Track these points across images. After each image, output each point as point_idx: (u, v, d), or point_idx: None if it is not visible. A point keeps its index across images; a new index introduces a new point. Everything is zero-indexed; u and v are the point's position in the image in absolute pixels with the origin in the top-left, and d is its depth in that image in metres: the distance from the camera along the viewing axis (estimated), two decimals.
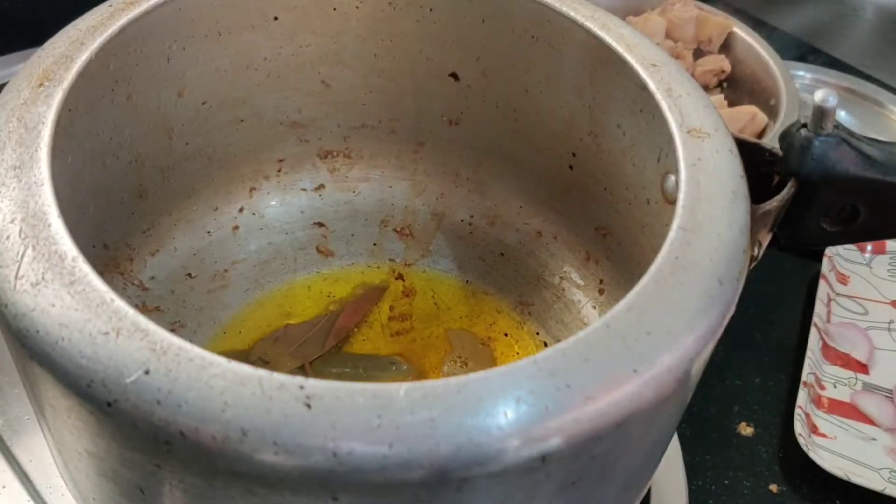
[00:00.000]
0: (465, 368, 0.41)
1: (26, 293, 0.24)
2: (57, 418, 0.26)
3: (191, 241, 0.43)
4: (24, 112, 0.29)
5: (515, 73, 0.41)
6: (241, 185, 0.45)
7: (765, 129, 0.63)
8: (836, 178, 0.32)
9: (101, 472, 0.26)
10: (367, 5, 0.41)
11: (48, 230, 0.26)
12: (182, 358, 0.22)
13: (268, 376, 0.22)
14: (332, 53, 0.43)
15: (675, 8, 0.71)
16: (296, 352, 0.41)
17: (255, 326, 0.43)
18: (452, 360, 0.42)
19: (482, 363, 0.41)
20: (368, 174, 0.47)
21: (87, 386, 0.22)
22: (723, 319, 0.26)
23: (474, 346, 0.42)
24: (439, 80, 0.43)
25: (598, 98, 0.38)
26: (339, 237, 0.47)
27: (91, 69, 0.32)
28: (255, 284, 0.45)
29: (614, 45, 0.35)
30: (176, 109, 0.40)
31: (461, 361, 0.41)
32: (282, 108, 0.44)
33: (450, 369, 0.41)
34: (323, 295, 0.45)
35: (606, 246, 0.41)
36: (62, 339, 0.23)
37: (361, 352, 0.43)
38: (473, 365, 0.41)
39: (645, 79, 0.33)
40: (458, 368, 0.41)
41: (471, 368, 0.41)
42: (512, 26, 0.39)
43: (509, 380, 0.22)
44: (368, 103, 0.45)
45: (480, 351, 0.42)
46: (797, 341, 0.55)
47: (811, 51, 0.76)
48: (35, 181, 0.27)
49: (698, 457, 0.48)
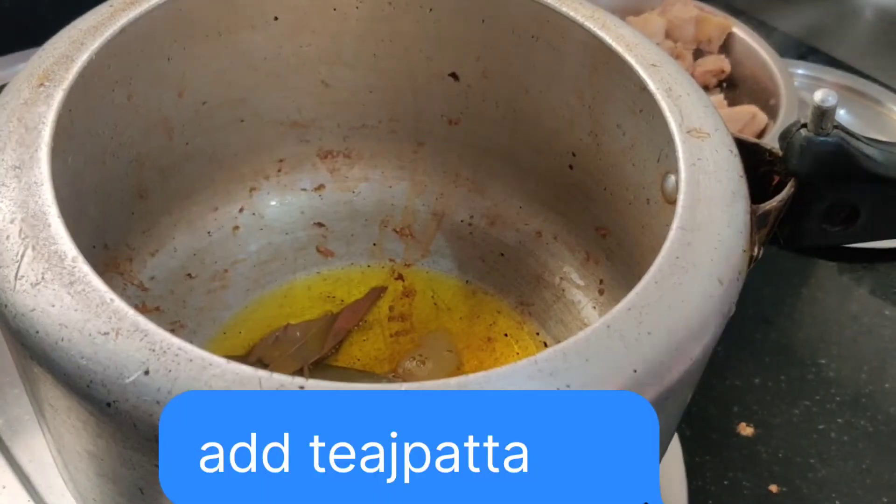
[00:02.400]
0: (422, 367, 0.41)
1: (26, 293, 0.24)
2: (57, 418, 0.26)
3: (191, 241, 0.43)
4: (25, 112, 0.29)
5: (515, 73, 0.41)
6: (241, 186, 0.45)
7: (765, 129, 0.63)
8: (836, 178, 0.32)
9: (101, 472, 0.26)
10: (366, 5, 0.41)
11: (48, 230, 0.26)
12: (182, 358, 0.22)
13: (267, 377, 0.22)
14: (332, 53, 0.43)
15: (675, 8, 0.71)
16: (296, 352, 0.41)
17: (254, 327, 0.43)
18: (412, 357, 0.42)
19: (442, 367, 0.41)
20: (368, 174, 0.47)
21: (86, 386, 0.22)
22: (723, 319, 0.26)
23: (441, 350, 0.42)
24: (439, 80, 0.43)
25: (598, 98, 0.38)
26: (339, 237, 0.47)
27: (91, 69, 0.32)
28: (255, 285, 0.45)
29: (614, 46, 0.35)
30: (176, 109, 0.40)
31: (420, 360, 0.42)
32: (282, 108, 0.44)
33: (408, 364, 0.42)
34: (323, 295, 0.45)
35: (606, 246, 0.41)
36: (62, 340, 0.23)
37: (361, 352, 0.43)
38: (432, 365, 0.41)
39: (645, 79, 0.33)
40: (415, 366, 0.41)
41: (427, 367, 0.41)
42: (512, 26, 0.39)
43: (509, 380, 0.22)
44: (368, 103, 0.45)
45: (446, 356, 0.42)
46: (797, 341, 0.55)
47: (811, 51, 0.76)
48: (35, 181, 0.27)
49: (698, 457, 0.48)
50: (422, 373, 0.41)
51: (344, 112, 0.45)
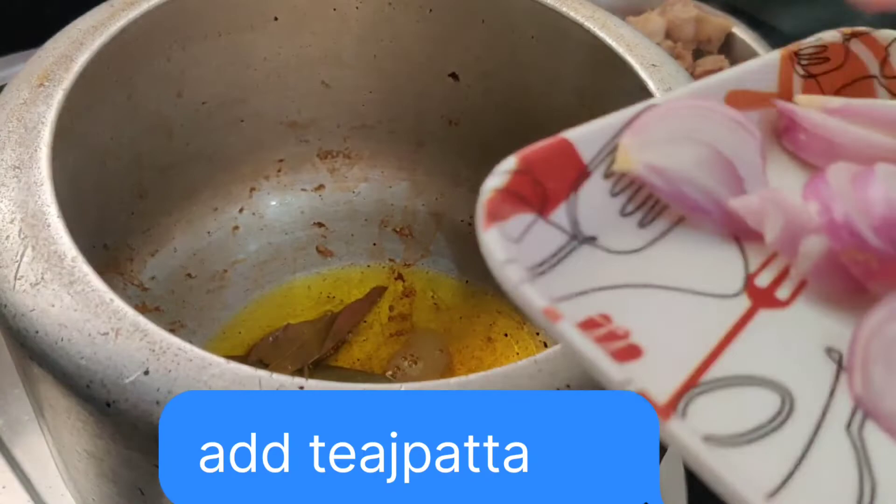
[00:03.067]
0: (414, 367, 0.41)
1: (26, 293, 0.24)
2: (56, 418, 0.26)
3: (191, 241, 0.43)
4: (25, 112, 0.29)
5: (515, 73, 0.41)
6: (240, 186, 0.45)
7: None
8: None
9: (101, 472, 0.26)
10: (366, 5, 0.41)
11: (48, 230, 0.26)
12: (181, 358, 0.22)
13: (267, 377, 0.22)
14: (332, 54, 0.43)
15: (675, 8, 0.71)
16: (295, 352, 0.41)
17: (254, 327, 0.43)
18: (403, 356, 0.42)
19: (432, 367, 0.41)
20: (368, 174, 0.47)
21: (86, 386, 0.22)
22: None
23: (433, 350, 0.42)
24: (439, 80, 0.43)
25: (599, 98, 0.38)
26: (338, 237, 0.47)
27: (91, 69, 0.32)
28: (255, 285, 0.45)
29: (614, 46, 0.35)
30: (176, 109, 0.40)
31: (412, 359, 0.41)
32: (282, 109, 0.44)
33: (400, 363, 0.41)
34: (323, 295, 0.45)
35: None
36: (62, 340, 0.23)
37: (361, 352, 0.43)
38: (423, 366, 0.41)
39: (645, 79, 0.33)
40: (407, 366, 0.41)
41: (419, 368, 0.41)
42: (512, 26, 0.39)
43: (509, 380, 0.22)
44: (368, 104, 0.45)
45: (437, 356, 0.42)
46: None
47: None
48: (35, 181, 0.27)
49: None
50: (414, 372, 0.41)
51: (344, 112, 0.45)
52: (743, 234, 0.23)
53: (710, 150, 0.23)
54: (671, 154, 0.23)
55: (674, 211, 0.23)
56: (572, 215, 0.21)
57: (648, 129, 0.23)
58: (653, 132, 0.23)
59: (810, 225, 0.22)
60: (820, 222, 0.22)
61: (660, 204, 0.23)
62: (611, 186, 0.22)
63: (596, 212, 0.22)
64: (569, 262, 0.21)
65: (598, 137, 0.23)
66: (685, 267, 0.22)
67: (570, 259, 0.21)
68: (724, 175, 0.23)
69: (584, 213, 0.21)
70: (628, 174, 0.22)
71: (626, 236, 0.22)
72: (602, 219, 0.22)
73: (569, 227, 0.21)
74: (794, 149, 0.26)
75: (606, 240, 0.22)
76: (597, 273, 0.21)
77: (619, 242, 0.22)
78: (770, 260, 0.22)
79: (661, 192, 0.22)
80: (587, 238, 0.21)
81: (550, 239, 0.21)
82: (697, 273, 0.22)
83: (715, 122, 0.24)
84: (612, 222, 0.22)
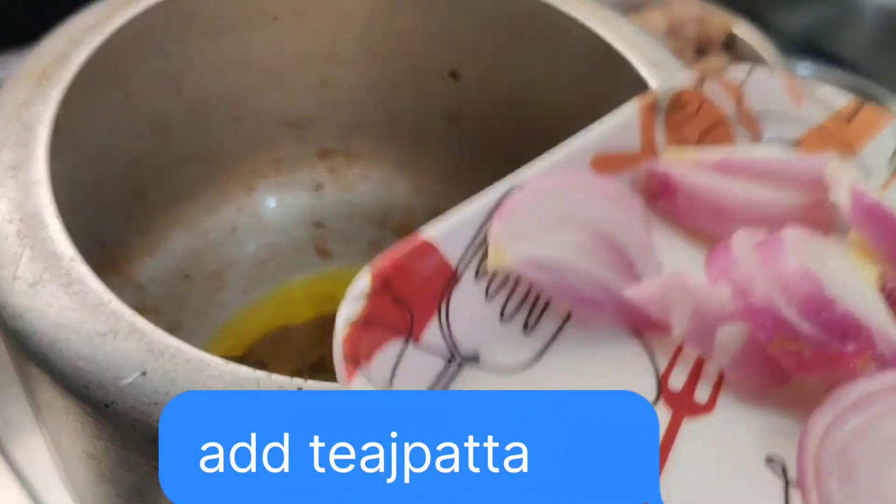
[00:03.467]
0: None
1: (24, 294, 0.24)
2: (54, 419, 0.25)
3: (189, 241, 0.43)
4: (22, 111, 0.29)
5: (515, 71, 0.41)
6: (239, 185, 0.45)
7: None
8: None
9: (100, 473, 0.26)
10: (366, 5, 0.41)
11: (46, 230, 0.26)
12: (179, 359, 0.22)
13: (265, 377, 0.22)
14: (332, 53, 0.43)
15: (677, 7, 0.71)
16: (294, 353, 0.41)
17: (253, 327, 0.43)
18: None
19: None
20: (368, 174, 0.47)
21: (84, 387, 0.22)
22: None
23: None
24: (439, 78, 0.43)
25: (599, 97, 0.38)
26: (338, 237, 0.47)
27: (89, 68, 0.32)
28: (254, 285, 0.45)
29: (615, 44, 0.35)
30: (174, 109, 0.40)
31: None
32: (280, 108, 0.44)
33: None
34: (321, 296, 0.45)
35: None
36: (59, 340, 0.23)
37: None
38: None
39: (646, 78, 0.33)
40: None
41: None
42: (512, 25, 0.39)
43: None
44: (368, 103, 0.45)
45: None
46: None
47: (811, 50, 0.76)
48: (33, 181, 0.27)
49: None
50: None
51: (343, 111, 0.45)
52: (642, 325, 0.20)
53: (590, 231, 0.20)
54: (548, 243, 0.20)
55: (560, 306, 0.20)
56: (446, 332, 0.18)
57: (518, 216, 0.20)
58: (523, 219, 0.20)
59: (724, 311, 0.19)
60: (735, 307, 0.19)
61: (541, 299, 0.20)
62: (485, 288, 0.19)
63: (473, 322, 0.19)
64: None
65: (463, 232, 0.20)
66: (586, 377, 0.19)
67: (453, 388, 0.18)
68: (610, 259, 0.20)
69: (460, 326, 0.19)
70: (502, 271, 0.19)
71: (512, 347, 0.19)
72: (481, 330, 0.19)
73: (444, 347, 0.18)
74: (673, 215, 0.23)
75: (490, 354, 0.19)
76: None
77: (504, 356, 0.19)
78: (678, 353, 0.20)
79: (544, 287, 0.20)
80: (467, 357, 0.19)
81: (427, 367, 0.18)
82: (602, 383, 0.19)
83: (588, 199, 0.21)
84: (493, 332, 0.19)
